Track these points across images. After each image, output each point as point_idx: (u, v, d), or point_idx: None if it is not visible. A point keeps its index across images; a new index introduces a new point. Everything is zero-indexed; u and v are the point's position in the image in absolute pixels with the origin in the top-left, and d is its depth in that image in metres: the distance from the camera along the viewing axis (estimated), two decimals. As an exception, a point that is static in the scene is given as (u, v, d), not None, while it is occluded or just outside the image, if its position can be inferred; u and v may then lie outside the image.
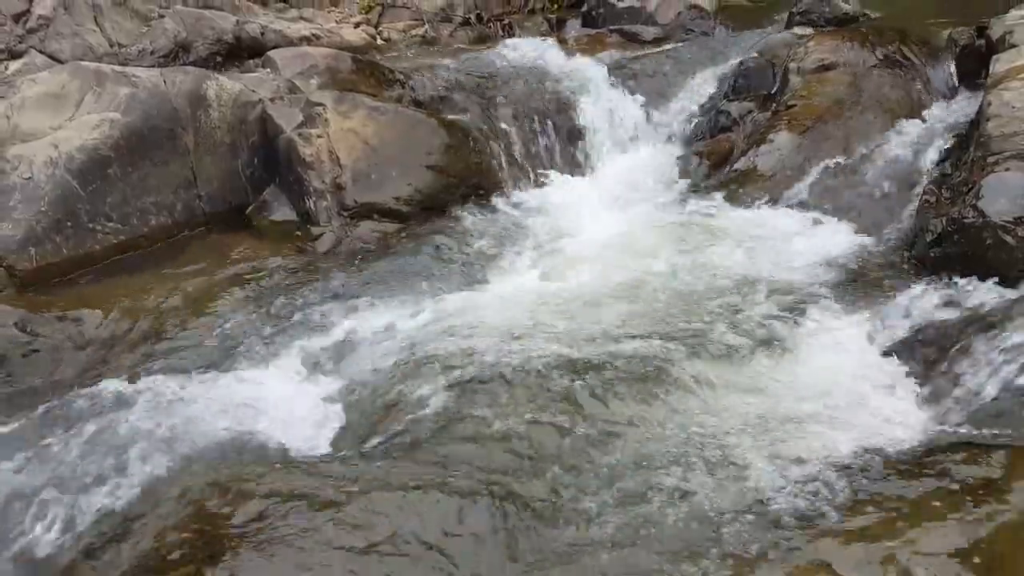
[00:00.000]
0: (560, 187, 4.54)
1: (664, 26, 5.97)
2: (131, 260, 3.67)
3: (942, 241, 3.22)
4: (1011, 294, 2.83)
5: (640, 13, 6.08)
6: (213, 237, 3.91)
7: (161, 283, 3.43)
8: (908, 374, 2.69)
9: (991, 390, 2.42)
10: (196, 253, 3.73)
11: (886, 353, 2.81)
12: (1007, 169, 3.18)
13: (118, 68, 4.07)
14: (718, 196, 4.17)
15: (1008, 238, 2.99)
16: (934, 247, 3.26)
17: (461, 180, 4.27)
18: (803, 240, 3.70)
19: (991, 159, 3.28)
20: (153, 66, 4.53)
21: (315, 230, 3.94)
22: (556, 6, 6.94)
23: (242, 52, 5.14)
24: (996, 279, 2.93)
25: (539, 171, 4.62)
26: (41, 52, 4.65)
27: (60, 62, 4.48)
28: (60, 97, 3.82)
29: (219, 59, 5.07)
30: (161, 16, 4.99)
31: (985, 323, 2.69)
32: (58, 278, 3.47)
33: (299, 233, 3.95)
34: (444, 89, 4.71)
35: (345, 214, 4.00)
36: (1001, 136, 3.35)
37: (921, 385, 2.62)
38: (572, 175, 4.67)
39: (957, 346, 2.66)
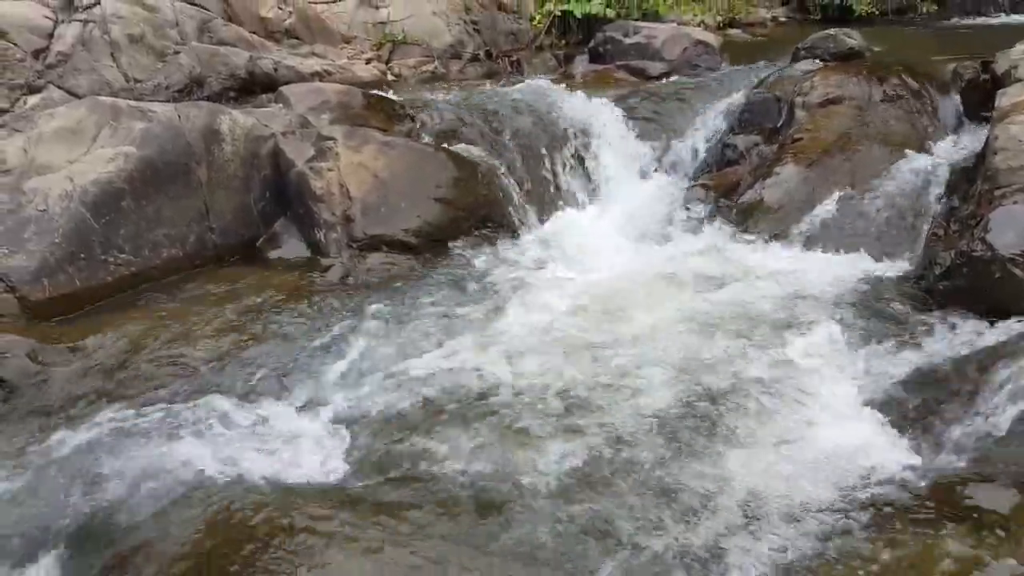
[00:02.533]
0: (567, 220, 4.56)
1: (670, 62, 6.05)
2: (143, 292, 3.69)
3: (951, 274, 3.22)
4: (1021, 328, 2.81)
5: (647, 49, 6.17)
6: (224, 269, 3.94)
7: (172, 315, 3.45)
8: (915, 409, 2.66)
9: (1001, 425, 2.40)
10: (207, 285, 3.75)
11: (893, 387, 2.79)
12: (1015, 202, 3.19)
13: (134, 103, 4.14)
14: (725, 229, 4.18)
15: (1017, 271, 2.98)
16: (943, 280, 3.25)
17: (469, 213, 4.30)
18: (810, 274, 3.69)
19: (998, 192, 3.28)
20: (168, 101, 4.62)
21: (325, 262, 3.97)
22: (564, 42, 7.05)
23: (255, 87, 5.23)
24: (1006, 312, 2.92)
25: (547, 204, 4.66)
26: (59, 87, 4.74)
27: (77, 97, 4.57)
28: (76, 131, 3.89)
29: (232, 94, 5.15)
30: (176, 52, 5.09)
31: (995, 357, 2.67)
32: (70, 309, 3.49)
33: (309, 265, 3.98)
34: (453, 123, 4.77)
35: (355, 246, 4.03)
36: (1008, 169, 3.37)
37: (929, 420, 2.59)
38: (579, 209, 4.70)
39: (966, 380, 2.64)
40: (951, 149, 4.21)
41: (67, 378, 3.05)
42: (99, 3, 4.95)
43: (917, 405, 2.67)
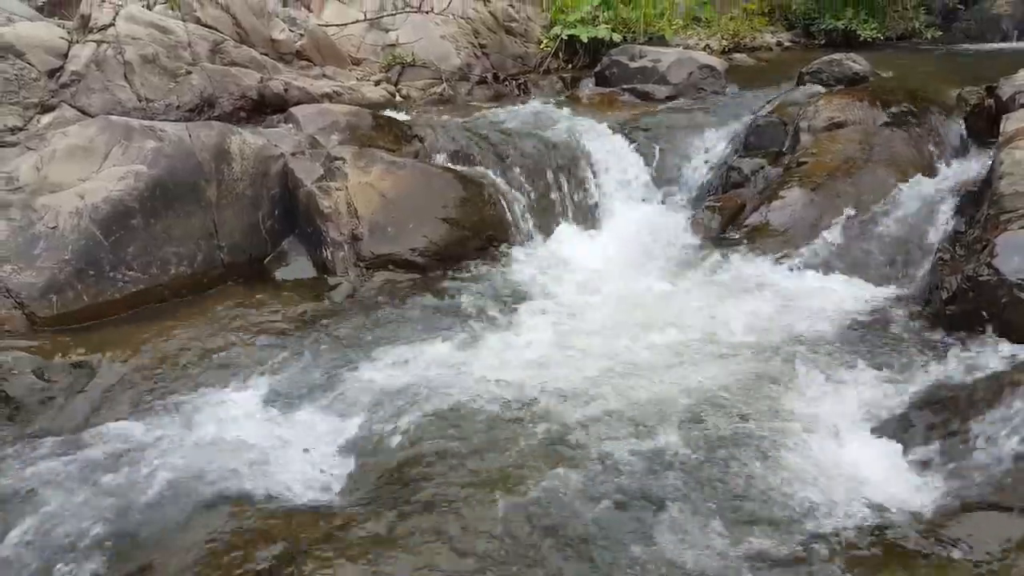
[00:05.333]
0: (572, 241, 4.58)
1: (676, 85, 6.09)
2: (150, 309, 3.71)
3: (957, 299, 3.21)
4: (1028, 352, 2.80)
5: (652, 73, 6.21)
6: (231, 287, 3.96)
7: (179, 332, 3.47)
8: (922, 434, 2.64)
9: (1009, 451, 2.38)
10: (215, 303, 3.78)
11: (899, 412, 2.77)
12: (1021, 227, 3.19)
13: (145, 122, 4.19)
14: (729, 252, 4.18)
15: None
16: (949, 304, 3.25)
17: (475, 232, 4.32)
18: (816, 297, 3.69)
19: (1004, 217, 3.29)
20: (179, 120, 4.67)
21: (332, 280, 3.99)
22: (570, 66, 7.12)
23: (266, 108, 5.28)
24: (1013, 337, 2.91)
25: (551, 225, 4.68)
26: (72, 106, 4.80)
27: (90, 116, 4.62)
28: (88, 150, 3.94)
29: (243, 114, 5.21)
30: (188, 73, 5.15)
31: (1002, 382, 2.66)
32: (78, 325, 3.51)
33: (316, 283, 4.00)
34: (460, 144, 4.81)
35: (361, 264, 4.06)
36: (1014, 194, 3.37)
37: (935, 445, 2.57)
38: (584, 229, 4.72)
39: (973, 406, 2.63)
40: (956, 174, 4.22)
41: (73, 395, 3.06)
42: (114, 24, 5.03)
43: (923, 430, 2.65)
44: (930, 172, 4.27)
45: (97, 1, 5.09)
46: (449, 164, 4.65)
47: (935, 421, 2.68)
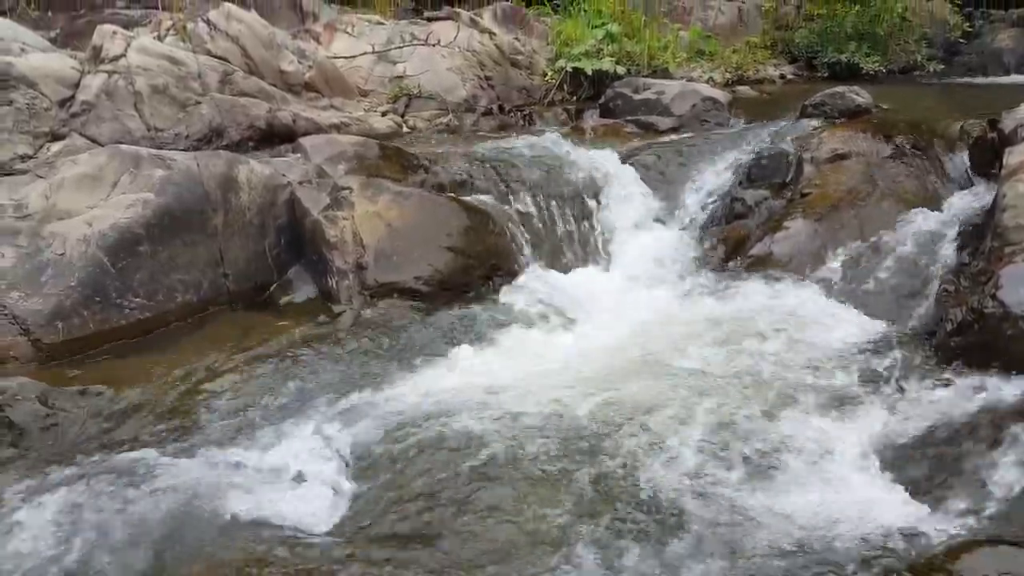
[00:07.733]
0: (576, 271, 4.59)
1: (679, 117, 6.15)
2: (156, 336, 3.73)
3: (962, 331, 3.21)
4: (1035, 385, 2.79)
5: (656, 105, 6.28)
6: (237, 315, 3.98)
7: (183, 359, 3.48)
8: (926, 467, 2.62)
9: (1014, 485, 2.36)
10: (219, 330, 3.79)
11: (903, 445, 2.75)
12: (1025, 260, 3.19)
13: (154, 151, 4.24)
14: (733, 283, 4.19)
15: (1029, 328, 2.97)
16: (954, 337, 3.24)
17: (480, 262, 4.34)
18: (819, 329, 3.68)
19: (1008, 249, 3.30)
20: (188, 149, 4.72)
21: (336, 308, 4.00)
22: (575, 98, 7.20)
23: (274, 138, 5.33)
24: (1018, 369, 2.90)
25: (556, 255, 4.70)
26: (82, 135, 4.85)
27: (100, 144, 4.68)
28: (97, 178, 3.98)
29: (252, 144, 5.26)
30: (198, 103, 5.22)
31: (1008, 415, 2.65)
32: (83, 352, 3.52)
33: (321, 311, 4.01)
34: (465, 174, 4.84)
35: (366, 293, 4.07)
36: (1017, 227, 3.38)
37: (940, 479, 2.55)
38: (589, 260, 4.74)
39: (978, 439, 2.61)
40: (960, 206, 4.23)
41: (76, 422, 3.06)
42: (125, 55, 5.11)
43: (928, 463, 2.64)
44: (933, 204, 4.29)
45: (109, 32, 5.17)
46: (455, 194, 4.68)
47: (941, 454, 2.66)
